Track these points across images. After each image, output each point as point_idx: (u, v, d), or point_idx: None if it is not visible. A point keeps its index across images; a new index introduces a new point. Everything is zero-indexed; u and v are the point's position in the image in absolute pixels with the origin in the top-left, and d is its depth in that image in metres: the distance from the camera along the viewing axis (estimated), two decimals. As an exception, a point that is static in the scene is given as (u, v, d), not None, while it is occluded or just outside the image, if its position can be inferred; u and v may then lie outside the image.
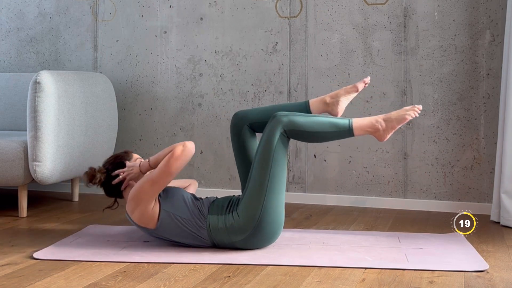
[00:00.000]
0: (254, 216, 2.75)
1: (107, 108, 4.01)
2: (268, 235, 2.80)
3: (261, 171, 2.78)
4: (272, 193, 2.77)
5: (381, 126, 2.86)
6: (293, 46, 4.00)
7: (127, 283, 2.39)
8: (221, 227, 2.77)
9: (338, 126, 2.83)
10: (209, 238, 2.79)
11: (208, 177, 4.16)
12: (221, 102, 4.12)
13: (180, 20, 4.20)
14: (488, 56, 3.68)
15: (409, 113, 2.87)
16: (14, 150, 3.46)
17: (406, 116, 2.86)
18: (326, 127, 2.82)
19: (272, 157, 2.78)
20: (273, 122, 2.81)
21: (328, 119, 2.84)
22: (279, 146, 2.79)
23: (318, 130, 2.81)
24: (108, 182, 2.91)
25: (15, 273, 2.50)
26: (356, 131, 2.84)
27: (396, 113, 2.88)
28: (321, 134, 2.82)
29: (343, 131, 2.83)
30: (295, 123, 2.80)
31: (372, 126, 2.85)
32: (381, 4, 3.84)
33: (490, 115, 3.69)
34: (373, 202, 3.88)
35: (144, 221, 2.78)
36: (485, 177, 3.72)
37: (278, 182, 2.78)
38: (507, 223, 3.36)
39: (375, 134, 2.87)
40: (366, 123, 2.85)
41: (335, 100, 3.01)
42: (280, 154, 2.80)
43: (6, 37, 4.52)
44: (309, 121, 2.82)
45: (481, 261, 2.68)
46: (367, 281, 2.43)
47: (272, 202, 2.77)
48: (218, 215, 2.80)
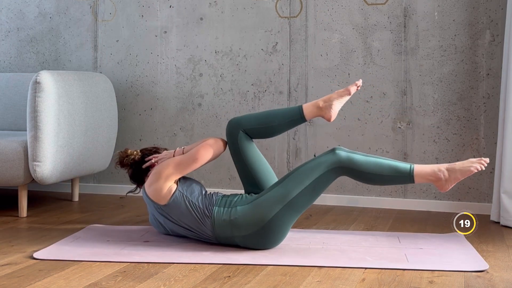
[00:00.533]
0: (261, 219, 2.76)
1: (107, 108, 4.01)
2: (268, 241, 2.82)
3: (293, 185, 2.78)
4: (289, 209, 2.77)
5: (444, 175, 2.79)
6: (293, 46, 4.00)
7: (127, 283, 2.39)
8: (225, 219, 2.79)
9: (398, 171, 2.78)
10: (211, 228, 2.81)
11: (208, 177, 4.16)
12: (221, 102, 4.12)
13: (180, 20, 4.20)
14: (488, 56, 3.68)
15: (475, 165, 2.78)
16: (14, 150, 3.46)
17: (471, 168, 2.77)
18: (385, 171, 2.78)
19: (312, 180, 2.78)
20: (332, 155, 2.80)
21: (388, 162, 2.80)
22: (325, 177, 2.79)
23: (376, 172, 2.78)
24: (139, 164, 3.04)
25: (15, 273, 2.50)
26: (417, 178, 2.78)
27: (461, 164, 2.80)
28: (379, 177, 2.79)
29: (403, 177, 2.79)
30: (353, 161, 2.78)
31: (434, 175, 2.79)
32: (381, 4, 3.84)
33: (490, 115, 3.69)
34: (373, 202, 3.88)
35: (157, 197, 2.86)
36: (485, 177, 3.72)
37: (301, 203, 2.79)
38: (507, 223, 3.36)
39: (437, 183, 2.81)
40: (428, 171, 2.79)
41: (328, 104, 2.98)
42: (321, 183, 2.80)
43: (6, 37, 4.52)
44: (369, 161, 2.79)
45: (481, 261, 2.68)
46: (367, 281, 2.43)
47: (285, 216, 2.78)
48: (224, 207, 2.82)
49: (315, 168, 2.79)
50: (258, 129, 2.98)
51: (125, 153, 3.08)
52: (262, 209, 2.77)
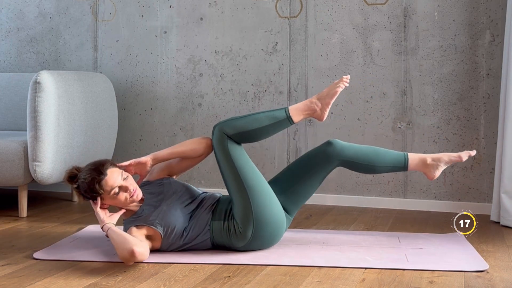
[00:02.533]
0: (249, 223, 2.74)
1: (107, 108, 4.01)
2: (269, 237, 2.80)
3: (234, 182, 2.79)
4: (255, 196, 2.76)
5: (317, 106, 2.87)
6: (293, 46, 4.00)
7: (127, 283, 2.39)
8: (223, 233, 2.77)
9: (276, 117, 2.84)
10: (211, 242, 2.80)
11: (208, 177, 4.16)
12: (221, 102, 4.12)
13: (180, 20, 4.20)
14: (488, 56, 3.68)
15: (339, 85, 2.88)
16: (14, 150, 3.46)
17: (336, 89, 2.87)
18: (264, 122, 2.82)
19: (234, 164, 2.79)
20: (216, 132, 2.82)
21: (265, 113, 2.85)
22: (234, 151, 2.80)
23: (257, 126, 2.82)
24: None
25: (15, 273, 2.50)
26: (294, 117, 2.85)
27: (327, 89, 2.89)
28: (262, 130, 2.83)
29: (281, 121, 2.84)
30: (235, 126, 2.81)
31: (309, 108, 2.87)
32: (381, 4, 3.84)
33: (490, 115, 3.69)
34: (373, 202, 3.88)
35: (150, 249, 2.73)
36: (485, 177, 3.72)
37: (255, 183, 2.78)
38: (507, 223, 3.36)
39: (314, 115, 2.89)
40: (301, 107, 2.87)
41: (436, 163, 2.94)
42: (240, 158, 2.80)
43: (6, 37, 4.52)
44: (248, 120, 2.83)
45: (481, 261, 2.68)
46: (367, 281, 2.43)
47: (260, 203, 2.76)
48: (220, 220, 2.79)
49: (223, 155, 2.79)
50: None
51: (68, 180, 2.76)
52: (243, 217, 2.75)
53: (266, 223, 2.75)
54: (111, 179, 2.66)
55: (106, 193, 2.67)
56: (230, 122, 2.82)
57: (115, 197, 2.68)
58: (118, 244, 2.54)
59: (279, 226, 2.81)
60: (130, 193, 2.69)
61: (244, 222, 2.74)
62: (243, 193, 2.76)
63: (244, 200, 2.75)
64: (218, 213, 2.81)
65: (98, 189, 2.65)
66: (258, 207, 2.74)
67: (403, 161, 2.92)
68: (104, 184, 2.65)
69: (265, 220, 2.75)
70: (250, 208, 2.74)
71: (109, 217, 2.69)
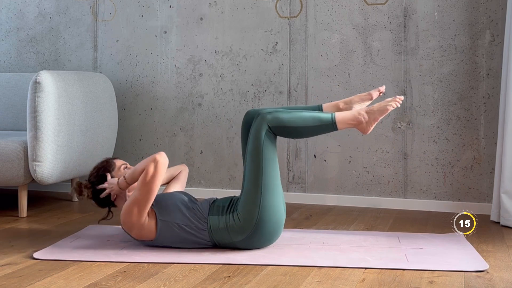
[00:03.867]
0: (253, 215, 2.75)
1: (107, 108, 4.01)
2: (268, 235, 2.80)
3: (253, 171, 2.79)
4: (267, 191, 2.77)
5: (364, 118, 2.86)
6: (293, 46, 4.00)
7: (127, 283, 2.39)
8: (222, 227, 2.78)
9: (321, 120, 2.84)
10: (210, 238, 2.80)
11: (208, 177, 4.16)
12: (221, 102, 4.12)
13: (180, 20, 4.20)
14: (488, 56, 3.68)
15: (391, 103, 2.88)
16: (14, 150, 3.46)
17: (387, 107, 2.87)
18: (309, 122, 2.83)
19: (261, 155, 2.79)
20: (258, 120, 2.83)
21: (311, 114, 2.85)
22: (267, 143, 2.81)
23: (301, 125, 2.82)
24: (96, 196, 2.93)
25: (15, 273, 2.50)
26: (339, 124, 2.85)
27: (378, 105, 2.88)
28: (305, 129, 2.83)
29: (326, 125, 2.84)
30: (279, 119, 2.81)
31: (355, 119, 2.86)
32: (381, 4, 3.84)
33: (490, 115, 3.69)
34: (373, 202, 3.88)
35: (143, 236, 2.79)
36: (485, 177, 3.71)
37: (272, 179, 2.79)
38: (507, 223, 3.36)
39: (358, 127, 2.88)
40: (349, 116, 2.86)
41: (348, 106, 3.02)
42: (269, 151, 2.81)
43: (6, 37, 4.52)
44: (293, 117, 2.83)
45: (481, 261, 2.68)
46: (367, 281, 2.43)
47: (269, 200, 2.77)
48: (218, 215, 2.80)
49: (256, 143, 2.80)
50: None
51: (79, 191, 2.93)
52: (247, 208, 2.77)
53: (269, 220, 2.77)
54: (119, 161, 2.99)
55: (117, 168, 2.93)
56: (275, 114, 2.83)
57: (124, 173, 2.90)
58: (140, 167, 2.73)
59: (279, 226, 2.82)
60: None
61: (247, 215, 2.76)
62: (257, 186, 2.77)
63: (255, 193, 2.77)
64: (216, 209, 2.83)
65: (111, 163, 2.95)
66: (266, 203, 2.76)
67: (316, 106, 3.01)
68: (114, 161, 2.98)
69: (268, 217, 2.77)
70: (258, 203, 2.76)
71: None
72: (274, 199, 2.79)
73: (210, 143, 4.15)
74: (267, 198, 2.77)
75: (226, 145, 4.11)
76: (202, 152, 4.16)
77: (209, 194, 4.04)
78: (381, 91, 3.06)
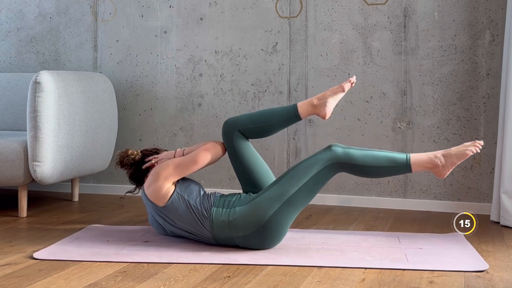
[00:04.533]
0: (261, 218, 2.76)
1: (107, 108, 4.01)
2: (267, 241, 2.82)
3: (290, 183, 2.79)
4: (288, 207, 2.78)
5: (440, 162, 2.81)
6: (293, 46, 4.00)
7: (127, 283, 2.39)
8: (223, 220, 2.79)
9: (395, 162, 2.80)
10: (210, 229, 2.81)
11: (208, 177, 4.16)
12: (221, 102, 4.12)
13: (180, 20, 4.20)
14: (488, 56, 3.68)
15: (470, 148, 2.81)
16: (14, 150, 3.46)
17: (466, 151, 2.81)
18: (382, 163, 2.79)
19: (309, 177, 2.79)
20: (329, 152, 2.81)
21: (384, 154, 2.81)
22: (323, 174, 2.80)
23: (374, 165, 2.79)
24: (139, 164, 3.05)
25: (15, 273, 2.50)
26: (414, 167, 2.80)
27: (456, 149, 2.83)
28: (376, 169, 2.80)
29: (400, 167, 2.80)
30: (351, 157, 2.79)
31: (431, 162, 2.81)
32: (381, 4, 3.84)
33: (490, 115, 3.69)
34: (373, 202, 3.88)
35: (155, 197, 2.85)
36: (485, 177, 3.72)
37: (299, 201, 2.80)
38: (507, 223, 3.36)
39: (434, 170, 2.83)
40: (424, 159, 2.81)
41: (322, 101, 2.97)
42: (319, 181, 2.81)
43: (6, 37, 4.52)
44: (366, 155, 2.80)
45: (481, 261, 2.68)
46: (367, 281, 2.43)
47: (283, 215, 2.78)
48: (222, 208, 2.82)
49: (313, 165, 2.80)
50: (253, 129, 2.97)
51: (125, 153, 3.08)
52: (260, 208, 2.77)
53: (275, 228, 2.79)
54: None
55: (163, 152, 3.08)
56: (348, 150, 2.81)
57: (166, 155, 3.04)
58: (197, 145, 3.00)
59: (283, 235, 2.85)
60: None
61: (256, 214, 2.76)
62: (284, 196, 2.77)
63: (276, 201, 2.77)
64: (221, 202, 2.86)
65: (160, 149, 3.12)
66: (281, 214, 2.77)
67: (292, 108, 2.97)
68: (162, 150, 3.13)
69: (276, 226, 2.78)
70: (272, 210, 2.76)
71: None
72: (287, 216, 2.80)
73: (210, 143, 4.14)
74: (283, 212, 2.78)
75: (226, 145, 4.11)
76: (202, 152, 4.16)
77: (209, 194, 4.05)
78: (352, 81, 3.02)
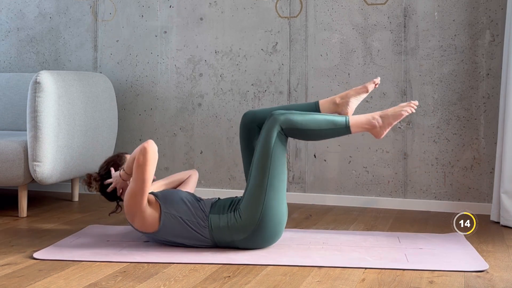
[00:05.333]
0: (255, 215, 2.76)
1: (107, 108, 4.01)
2: (269, 235, 2.80)
3: (260, 170, 2.79)
4: (272, 192, 2.77)
5: (378, 123, 2.87)
6: (293, 46, 4.00)
7: (127, 283, 2.39)
8: (222, 226, 2.78)
9: (335, 124, 2.84)
10: (210, 237, 2.80)
11: (208, 177, 4.16)
12: (221, 102, 4.12)
13: (180, 20, 4.20)
14: (488, 56, 3.68)
15: (406, 109, 2.88)
16: (14, 150, 3.46)
17: (402, 112, 2.87)
18: (323, 125, 2.83)
19: (270, 156, 2.79)
20: (270, 120, 2.83)
21: (325, 117, 2.86)
22: (277, 145, 2.80)
23: (315, 128, 2.82)
24: (104, 189, 2.97)
25: (15, 273, 2.50)
26: (353, 128, 2.85)
27: (393, 109, 2.89)
28: (318, 132, 2.83)
29: (340, 129, 2.84)
30: (292, 121, 2.81)
31: (369, 123, 2.87)
32: (381, 4, 3.84)
33: (490, 115, 3.69)
34: (373, 202, 3.88)
35: (146, 227, 2.79)
36: (485, 177, 3.72)
37: (278, 180, 2.79)
38: (507, 223, 3.36)
39: (372, 131, 2.89)
40: (363, 120, 2.87)
41: (345, 100, 3.01)
42: (279, 153, 2.81)
43: (6, 37, 4.52)
44: (306, 119, 2.83)
45: (481, 261, 2.68)
46: (367, 281, 2.43)
47: (273, 200, 2.77)
48: (219, 214, 2.81)
49: (266, 143, 2.80)
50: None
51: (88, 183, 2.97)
52: (250, 207, 2.77)
53: (271, 220, 2.77)
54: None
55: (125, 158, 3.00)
56: (288, 115, 2.82)
57: None
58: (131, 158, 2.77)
59: (280, 227, 2.82)
60: None
61: (250, 213, 2.76)
62: (262, 185, 2.77)
63: (260, 192, 2.77)
64: (217, 208, 2.84)
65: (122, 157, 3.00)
66: (269, 203, 2.76)
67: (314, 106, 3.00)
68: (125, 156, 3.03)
69: (270, 217, 2.77)
70: (262, 201, 2.76)
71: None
72: (277, 200, 2.79)
73: (210, 143, 4.15)
74: (271, 198, 2.77)
75: (226, 145, 4.11)
76: (202, 152, 4.16)
77: (209, 194, 4.04)
78: (376, 82, 3.06)
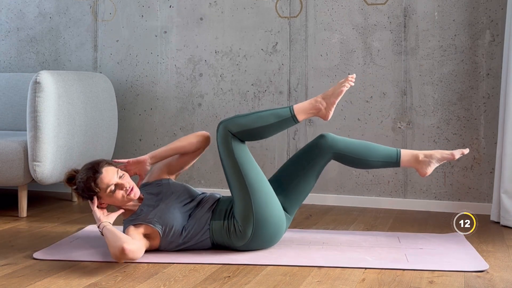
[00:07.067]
0: (249, 221, 2.75)
1: (107, 108, 4.01)
2: (268, 237, 2.80)
3: (236, 179, 2.78)
4: (256, 192, 2.76)
5: (322, 104, 2.86)
6: (293, 46, 4.00)
7: (127, 283, 2.39)
8: (223, 233, 2.77)
9: (280, 115, 2.83)
10: (211, 241, 2.80)
11: (208, 177, 4.16)
12: (221, 102, 4.12)
13: (180, 20, 4.20)
14: (488, 56, 3.68)
15: (344, 84, 2.87)
16: (14, 150, 3.46)
17: (342, 88, 2.86)
18: (270, 120, 2.82)
19: (237, 162, 2.78)
20: (220, 130, 2.81)
21: (269, 112, 2.85)
22: (237, 148, 2.80)
23: (263, 124, 2.81)
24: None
25: (15, 273, 2.50)
26: (299, 115, 2.84)
27: (332, 88, 2.88)
28: (267, 128, 2.82)
29: (286, 119, 2.83)
30: (240, 124, 2.80)
31: (314, 107, 2.86)
32: (381, 4, 3.84)
33: (490, 115, 3.69)
34: (373, 202, 3.88)
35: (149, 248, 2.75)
36: (485, 177, 3.72)
37: (256, 180, 2.78)
38: (507, 223, 3.36)
39: (319, 114, 2.88)
40: (306, 106, 2.86)
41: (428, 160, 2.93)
42: (243, 155, 2.80)
43: (6, 37, 4.52)
44: (252, 118, 2.82)
45: (481, 261, 2.68)
46: (367, 281, 2.43)
47: (261, 201, 2.76)
48: (220, 220, 2.79)
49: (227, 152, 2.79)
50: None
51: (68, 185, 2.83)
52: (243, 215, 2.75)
53: (266, 222, 2.76)
54: (106, 177, 2.70)
55: (103, 191, 2.70)
56: (234, 119, 2.82)
57: (111, 195, 2.70)
58: (110, 242, 2.56)
59: (279, 226, 2.81)
60: (126, 190, 2.71)
61: (244, 221, 2.75)
62: (245, 192, 2.76)
63: (245, 199, 2.75)
64: (218, 213, 2.81)
65: (94, 187, 2.69)
66: (259, 206, 2.75)
67: (395, 156, 2.92)
68: (99, 182, 2.69)
69: (265, 220, 2.75)
70: (251, 207, 2.74)
71: (106, 216, 2.71)
72: (265, 200, 2.77)
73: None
74: (258, 201, 2.75)
75: (226, 145, 4.11)
76: (202, 152, 4.16)
77: (209, 194, 4.04)
78: (464, 153, 2.98)
